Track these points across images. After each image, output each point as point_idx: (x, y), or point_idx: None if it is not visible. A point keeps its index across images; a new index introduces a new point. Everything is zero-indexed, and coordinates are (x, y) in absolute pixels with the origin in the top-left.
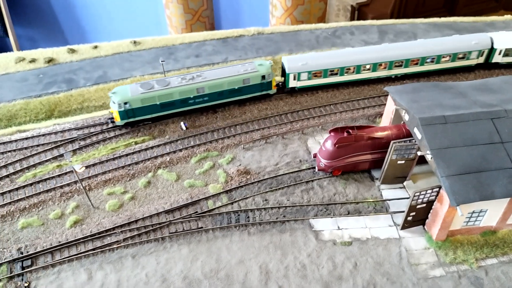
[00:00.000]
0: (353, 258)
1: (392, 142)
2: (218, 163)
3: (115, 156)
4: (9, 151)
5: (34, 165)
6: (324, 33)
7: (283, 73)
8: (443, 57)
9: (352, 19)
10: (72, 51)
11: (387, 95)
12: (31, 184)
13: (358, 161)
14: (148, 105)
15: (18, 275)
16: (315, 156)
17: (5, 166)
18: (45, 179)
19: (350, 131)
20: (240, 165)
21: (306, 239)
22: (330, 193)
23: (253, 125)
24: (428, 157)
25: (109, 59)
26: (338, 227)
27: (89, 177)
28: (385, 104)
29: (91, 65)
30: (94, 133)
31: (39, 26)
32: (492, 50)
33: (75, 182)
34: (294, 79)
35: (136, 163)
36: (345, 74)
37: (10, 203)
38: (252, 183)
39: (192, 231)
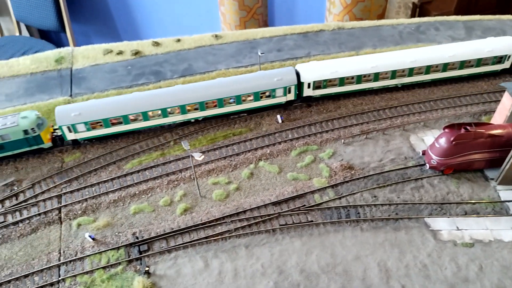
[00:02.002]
0: (477, 260)
1: None
2: (319, 157)
3: (215, 146)
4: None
5: (139, 153)
6: (407, 29)
7: None
8: (245, 96)
9: (412, 16)
10: (156, 44)
11: (490, 92)
12: (138, 171)
13: (474, 159)
14: None
15: (136, 259)
16: (424, 153)
17: (110, 153)
18: (151, 167)
19: (468, 127)
20: (342, 160)
21: (423, 239)
22: (442, 192)
23: (351, 120)
24: None
25: (193, 52)
26: (457, 227)
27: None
28: (489, 102)
29: (176, 58)
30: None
31: (93, 22)
32: (301, 84)
33: (180, 171)
34: (70, 131)
35: (237, 154)
36: (132, 123)
37: (120, 189)
38: (358, 178)
39: (302, 224)
